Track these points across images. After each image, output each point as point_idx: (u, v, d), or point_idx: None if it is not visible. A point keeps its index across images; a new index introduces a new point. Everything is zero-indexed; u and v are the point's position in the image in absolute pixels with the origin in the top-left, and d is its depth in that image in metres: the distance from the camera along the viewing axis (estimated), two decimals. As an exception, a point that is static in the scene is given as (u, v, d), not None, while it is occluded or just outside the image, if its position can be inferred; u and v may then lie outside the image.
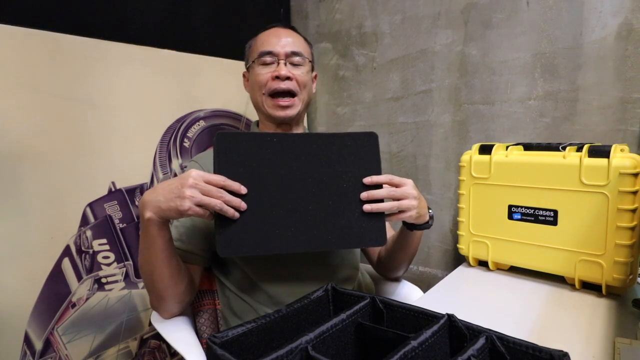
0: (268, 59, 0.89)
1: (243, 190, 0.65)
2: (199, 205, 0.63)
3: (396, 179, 0.73)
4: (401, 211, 0.73)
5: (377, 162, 0.72)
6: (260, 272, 0.82)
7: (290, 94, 0.89)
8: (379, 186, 0.72)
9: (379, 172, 0.72)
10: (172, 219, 0.69)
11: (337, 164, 0.70)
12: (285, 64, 0.89)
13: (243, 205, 0.65)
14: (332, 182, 0.70)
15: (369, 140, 0.72)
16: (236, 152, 0.67)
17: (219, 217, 0.65)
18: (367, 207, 0.70)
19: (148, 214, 0.65)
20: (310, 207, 0.69)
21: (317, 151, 0.70)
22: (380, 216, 0.72)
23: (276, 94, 0.88)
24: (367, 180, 0.71)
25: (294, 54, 0.90)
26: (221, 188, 0.64)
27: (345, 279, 0.88)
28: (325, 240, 0.70)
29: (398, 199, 0.72)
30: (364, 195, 0.70)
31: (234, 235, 0.66)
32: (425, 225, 0.81)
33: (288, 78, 0.88)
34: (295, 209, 0.69)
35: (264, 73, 0.89)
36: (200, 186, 0.63)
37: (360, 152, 0.71)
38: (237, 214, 0.65)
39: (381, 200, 0.72)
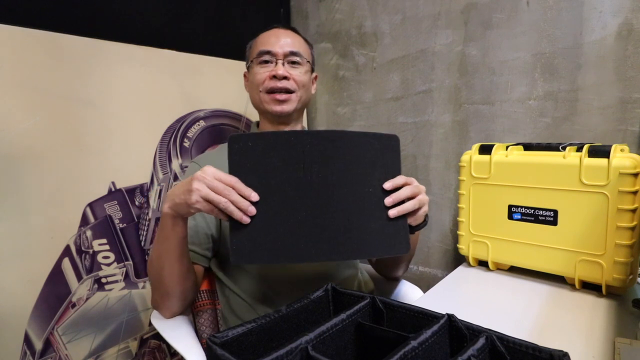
0: (266, 58, 0.89)
1: (254, 197, 0.61)
2: (206, 200, 0.61)
3: (407, 178, 0.70)
4: (417, 209, 0.69)
5: (399, 166, 0.67)
6: (260, 272, 0.82)
7: (287, 91, 0.89)
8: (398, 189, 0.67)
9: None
10: (184, 213, 0.68)
11: (360, 166, 0.64)
12: (284, 64, 0.89)
13: (251, 209, 0.60)
14: (356, 187, 0.64)
15: (392, 143, 0.67)
16: (251, 154, 0.61)
17: (233, 223, 0.61)
18: (392, 211, 0.65)
19: (165, 208, 0.68)
20: (333, 213, 0.62)
21: (338, 151, 0.63)
22: (404, 221, 0.66)
23: (273, 91, 0.88)
24: (388, 185, 0.65)
25: (293, 53, 0.90)
26: (231, 188, 0.62)
27: (345, 278, 0.88)
28: (349, 249, 0.63)
29: (416, 196, 0.68)
30: (389, 200, 0.65)
31: (248, 242, 0.61)
32: (423, 225, 0.81)
33: (285, 77, 0.88)
34: (316, 215, 0.62)
35: (262, 72, 0.89)
36: (207, 181, 0.61)
37: (385, 156, 0.66)
38: (245, 218, 0.60)
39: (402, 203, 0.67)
